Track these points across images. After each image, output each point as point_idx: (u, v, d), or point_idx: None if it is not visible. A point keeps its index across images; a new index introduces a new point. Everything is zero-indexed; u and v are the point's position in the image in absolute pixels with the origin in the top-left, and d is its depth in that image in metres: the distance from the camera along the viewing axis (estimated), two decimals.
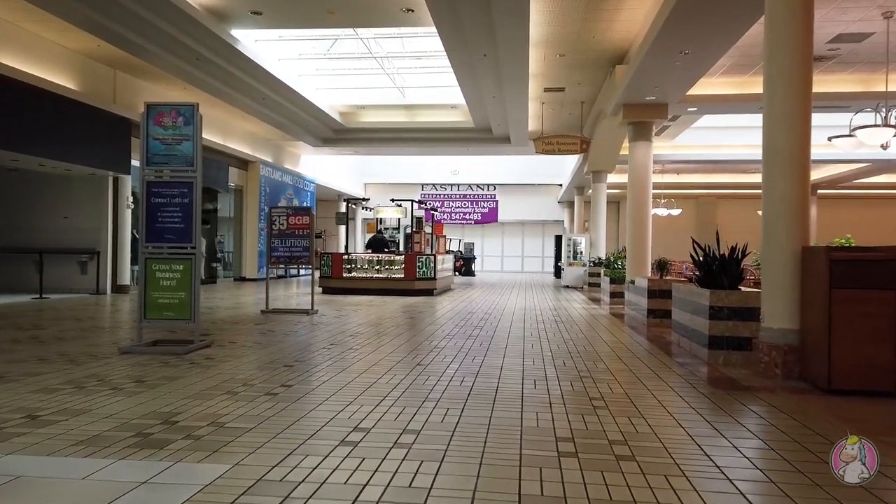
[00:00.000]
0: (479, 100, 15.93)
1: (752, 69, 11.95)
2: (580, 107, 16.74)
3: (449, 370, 5.60)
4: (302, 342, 7.19)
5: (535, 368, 5.76)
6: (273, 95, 15.87)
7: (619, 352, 6.94)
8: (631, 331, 8.88)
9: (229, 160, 19.76)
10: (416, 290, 14.96)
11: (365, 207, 22.68)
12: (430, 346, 7.02)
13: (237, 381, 4.95)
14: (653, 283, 9.35)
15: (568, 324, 9.60)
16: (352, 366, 5.73)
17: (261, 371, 5.39)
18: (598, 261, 18.35)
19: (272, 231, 10.42)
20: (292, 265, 10.55)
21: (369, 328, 8.65)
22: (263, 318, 9.79)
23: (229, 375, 5.18)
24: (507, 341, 7.52)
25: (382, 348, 6.82)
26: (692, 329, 6.77)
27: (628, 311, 11.21)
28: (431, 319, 10.04)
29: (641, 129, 12.70)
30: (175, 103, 6.57)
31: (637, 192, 12.80)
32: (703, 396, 4.81)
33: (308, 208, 10.71)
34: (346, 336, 7.74)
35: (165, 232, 6.46)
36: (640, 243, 12.70)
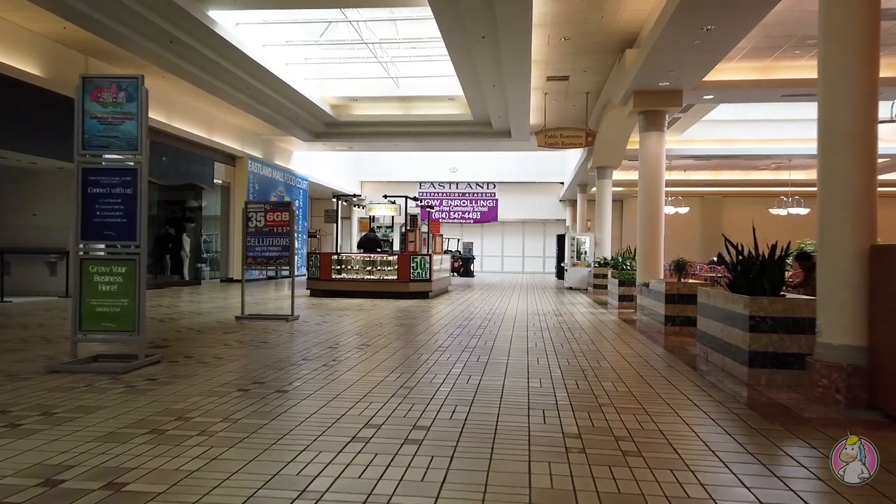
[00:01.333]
0: (477, 90, 14.94)
1: (774, 52, 10.97)
2: (585, 98, 15.75)
3: (439, 395, 4.61)
4: (270, 357, 6.19)
5: (543, 393, 4.76)
6: (258, 85, 14.87)
7: (639, 368, 5.94)
8: (647, 340, 7.89)
9: (215, 155, 18.77)
10: (410, 292, 13.97)
11: (357, 205, 21.70)
12: (419, 362, 6.03)
13: (170, 414, 3.95)
14: (671, 287, 8.36)
15: (575, 331, 8.61)
16: (320, 389, 4.74)
17: (207, 398, 4.39)
18: (603, 261, 17.35)
19: (248, 228, 9.42)
20: (270, 267, 9.55)
21: (353, 338, 7.66)
22: (237, 325, 8.79)
23: (164, 405, 4.19)
24: (508, 354, 6.53)
25: (362, 364, 5.83)
26: (725, 342, 5.78)
27: (640, 316, 10.22)
28: (424, 326, 9.04)
29: (653, 119, 11.70)
30: (116, 75, 5.59)
31: (649, 187, 11.80)
32: (755, 433, 3.81)
33: (288, 203, 9.71)
34: (323, 348, 6.75)
35: (104, 228, 5.46)
36: (652, 243, 11.71)
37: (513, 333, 8.29)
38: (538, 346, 7.15)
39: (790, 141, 19.17)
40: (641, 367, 6.01)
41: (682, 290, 8.32)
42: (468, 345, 7.19)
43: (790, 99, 12.21)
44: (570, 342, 7.56)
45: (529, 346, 7.21)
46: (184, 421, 3.80)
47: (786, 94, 11.74)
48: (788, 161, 22.29)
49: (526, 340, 7.64)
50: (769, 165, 24.20)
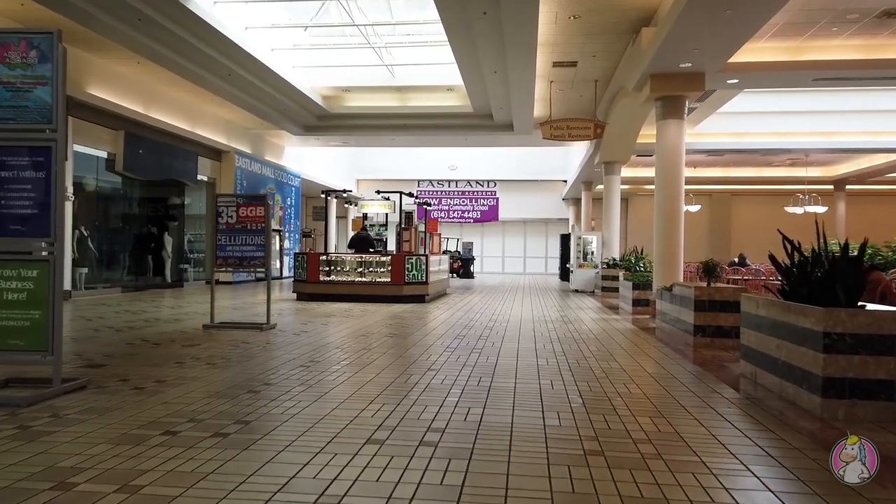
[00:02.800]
0: (478, 77, 13.84)
1: (808, 29, 9.87)
2: (593, 87, 14.64)
3: (427, 440, 3.50)
4: (223, 380, 5.08)
5: (565, 437, 3.65)
6: (241, 72, 13.77)
7: (677, 394, 4.83)
8: (674, 354, 6.78)
9: (199, 149, 17.66)
10: (404, 296, 12.86)
11: (350, 202, 20.60)
12: (406, 387, 4.92)
13: (49, 477, 2.84)
14: (702, 293, 7.25)
15: (590, 343, 7.50)
16: (274, 430, 3.63)
17: (115, 447, 3.29)
18: (612, 262, 16.25)
19: (218, 225, 8.31)
20: (243, 268, 8.44)
21: (332, 353, 6.55)
22: (202, 335, 7.68)
23: (52, 458, 3.08)
24: (514, 376, 5.42)
25: (336, 391, 4.72)
26: (785, 363, 4.67)
27: (660, 323, 9.11)
28: (418, 337, 7.94)
29: (672, 105, 10.60)
30: (25, 30, 4.48)
31: (667, 181, 10.71)
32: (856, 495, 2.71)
33: (263, 196, 8.59)
34: (292, 367, 5.64)
35: (10, 221, 4.36)
36: (671, 242, 10.61)
37: (519, 346, 7.18)
38: (550, 364, 6.04)
39: (808, 134, 18.07)
40: (680, 392, 4.90)
41: (715, 297, 7.22)
42: (467, 362, 6.08)
43: (822, 84, 11.12)
44: (586, 358, 6.45)
45: (539, 362, 6.11)
46: (61, 490, 2.69)
47: (818, 77, 10.64)
48: (805, 156, 21.21)
49: (535, 355, 6.53)
50: (784, 162, 23.12)
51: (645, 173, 25.54)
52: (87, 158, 13.84)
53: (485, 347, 7.05)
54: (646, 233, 26.31)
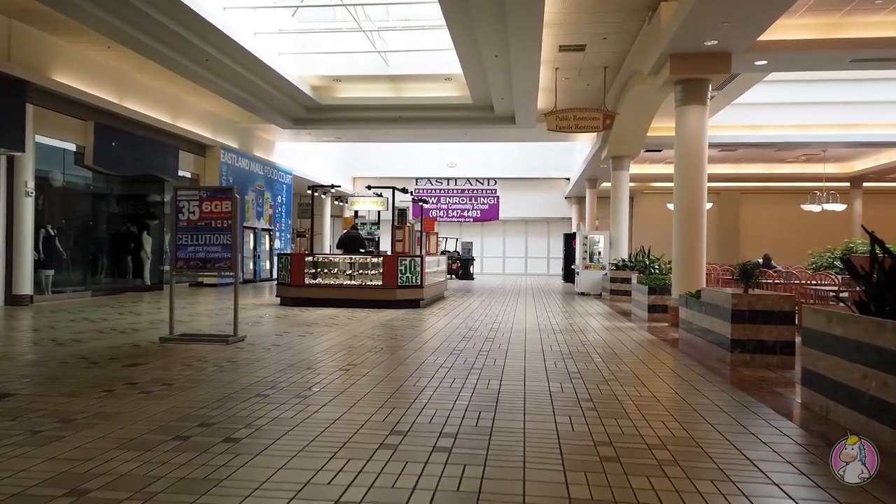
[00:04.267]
0: (477, 63, 12.74)
1: (847, 4, 8.78)
2: (602, 74, 13.55)
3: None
4: (151, 419, 3.99)
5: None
6: (221, 57, 12.67)
7: (733, 435, 3.74)
8: (711, 375, 5.70)
9: (180, 143, 16.56)
10: (397, 300, 11.77)
11: (339, 198, 19.58)
12: (383, 429, 3.83)
13: None
14: (741, 301, 6.16)
15: (609, 361, 6.42)
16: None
17: None
18: (622, 263, 15.16)
19: (178, 222, 7.21)
20: (207, 272, 7.34)
21: (300, 376, 5.46)
22: (155, 350, 6.60)
23: None
24: (523, 411, 4.33)
25: (291, 439, 3.64)
26: (876, 399, 3.59)
27: (684, 334, 8.02)
28: (406, 353, 6.85)
29: (694, 90, 9.51)
30: None
31: (688, 173, 9.61)
32: None
33: (229, 189, 7.48)
34: (244, 398, 4.56)
35: None
36: (693, 242, 9.53)
37: (525, 365, 6.09)
38: (565, 391, 4.95)
39: (828, 127, 16.98)
40: (735, 434, 3.81)
41: (757, 305, 6.12)
42: (463, 388, 4.99)
43: (860, 65, 10.03)
44: (607, 381, 5.36)
45: (552, 388, 5.02)
46: None
47: (857, 58, 9.55)
48: (822, 152, 20.11)
49: (545, 378, 5.44)
50: (798, 158, 22.01)
51: (652, 170, 24.47)
52: (52, 151, 12.75)
53: (485, 366, 5.96)
54: (653, 233, 25.31)
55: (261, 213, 20.96)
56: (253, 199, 20.31)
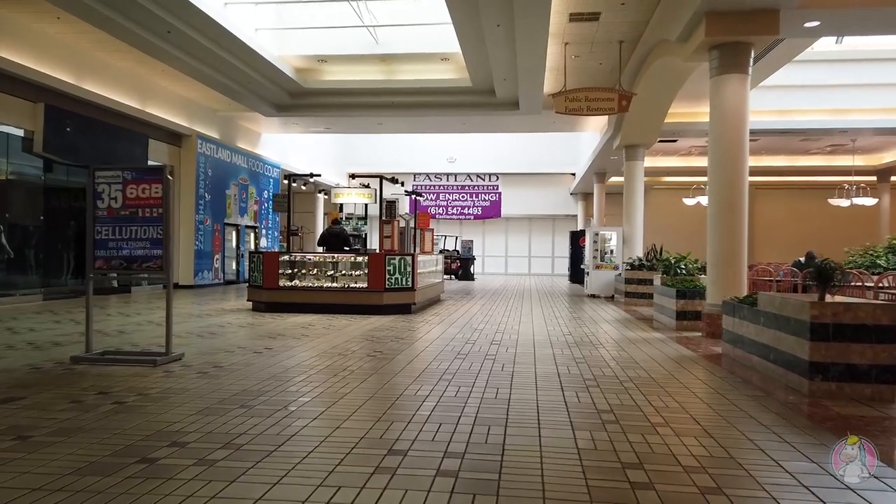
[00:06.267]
0: (477, 36, 11.20)
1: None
2: (617, 50, 12.02)
3: None
4: None
5: None
6: (186, 30, 11.13)
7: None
8: (790, 414, 4.18)
9: (150, 131, 15.04)
10: (385, 305, 10.25)
11: (322, 190, 18.08)
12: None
13: None
14: (822, 311, 4.63)
15: (646, 388, 4.90)
16: None
17: None
18: (638, 263, 13.64)
19: (95, 211, 5.70)
20: (132, 273, 5.82)
21: (227, 420, 3.95)
22: (55, 376, 5.09)
23: None
24: (541, 486, 2.81)
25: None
26: None
27: (731, 349, 6.49)
28: (383, 379, 5.34)
29: (734, 55, 7.97)
30: None
31: (726, 154, 8.07)
32: None
33: (160, 169, 5.97)
34: (117, 469, 3.05)
35: None
36: (732, 239, 7.99)
37: (538, 398, 4.57)
38: (600, 450, 3.42)
39: (864, 111, 15.42)
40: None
41: (846, 318, 4.60)
42: (456, 443, 3.48)
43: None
44: (655, 426, 3.83)
45: (581, 445, 3.48)
46: None
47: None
48: (852, 142, 18.54)
49: (568, 424, 3.91)
50: (823, 149, 20.45)
51: (664, 163, 22.92)
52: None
53: (484, 401, 4.44)
54: (665, 230, 23.68)
55: (245, 209, 19.46)
56: (235, 193, 18.81)
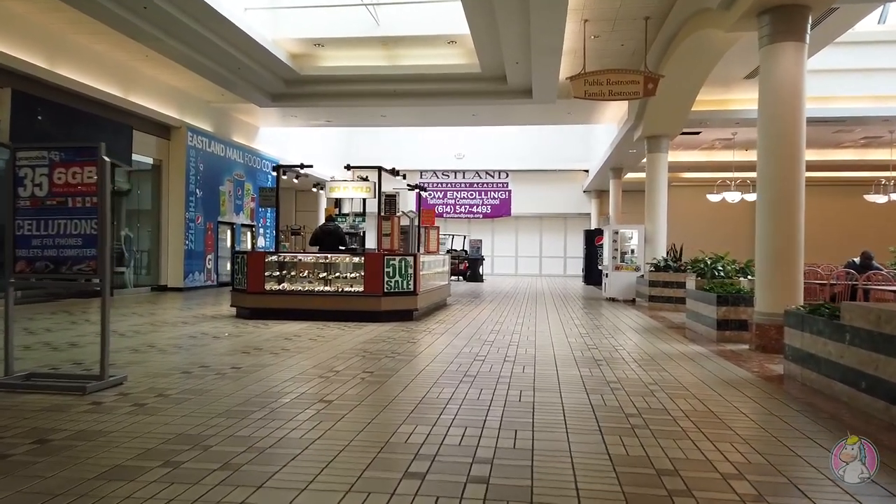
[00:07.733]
0: (488, 11, 10.05)
1: None
2: (643, 27, 10.85)
3: None
4: None
5: None
6: (164, 6, 10.05)
7: None
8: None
9: (135, 122, 13.99)
10: (384, 311, 9.12)
11: (316, 185, 17.00)
12: None
13: None
14: None
15: (708, 428, 3.73)
16: None
17: None
18: (663, 263, 12.46)
19: (17, 201, 4.61)
20: (61, 277, 4.70)
21: (137, 487, 2.82)
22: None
23: None
24: None
25: None
26: None
27: (795, 369, 5.31)
28: (370, 412, 4.21)
29: (788, 20, 6.79)
30: None
31: (779, 137, 6.89)
32: None
33: (94, 148, 4.79)
34: None
35: None
36: (788, 237, 6.81)
37: (570, 447, 3.41)
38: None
39: None
40: None
41: None
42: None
43: None
44: (742, 498, 2.68)
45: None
46: None
47: None
48: (889, 133, 17.24)
49: (622, 499, 2.77)
50: (857, 142, 19.15)
51: (685, 157, 21.63)
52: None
53: (498, 451, 3.29)
54: (686, 230, 22.35)
55: (240, 206, 18.41)
56: (230, 190, 17.77)
